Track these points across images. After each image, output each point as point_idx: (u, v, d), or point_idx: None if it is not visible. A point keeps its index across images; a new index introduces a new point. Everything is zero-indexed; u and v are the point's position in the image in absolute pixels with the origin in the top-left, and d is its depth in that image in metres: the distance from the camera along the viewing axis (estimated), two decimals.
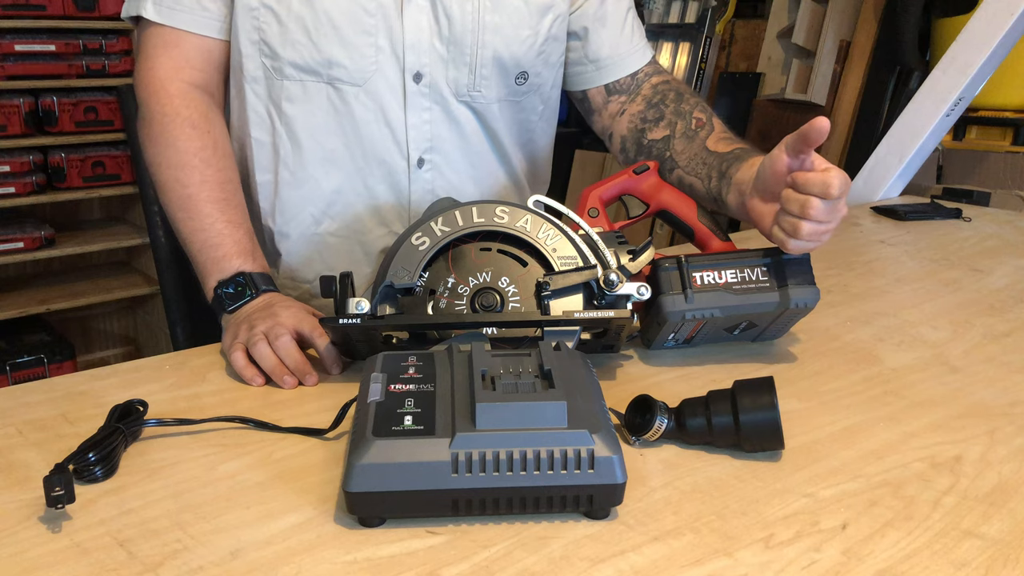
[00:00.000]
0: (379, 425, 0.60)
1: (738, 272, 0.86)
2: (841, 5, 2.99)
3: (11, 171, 2.48)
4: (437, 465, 0.58)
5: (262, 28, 1.01)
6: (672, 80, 1.17)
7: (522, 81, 1.12)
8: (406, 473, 0.58)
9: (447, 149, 1.10)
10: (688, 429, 0.71)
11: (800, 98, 3.07)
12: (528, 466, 0.59)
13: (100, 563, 0.56)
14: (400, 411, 0.62)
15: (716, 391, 0.72)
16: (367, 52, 1.02)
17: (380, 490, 0.58)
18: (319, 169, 1.07)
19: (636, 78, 1.17)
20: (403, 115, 1.06)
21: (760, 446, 0.70)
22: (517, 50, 1.08)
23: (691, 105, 1.12)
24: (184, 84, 1.02)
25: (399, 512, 0.60)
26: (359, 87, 1.04)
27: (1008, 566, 0.57)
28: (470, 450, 0.58)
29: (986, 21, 1.57)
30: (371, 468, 0.58)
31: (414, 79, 1.05)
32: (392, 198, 1.10)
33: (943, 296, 1.13)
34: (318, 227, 1.10)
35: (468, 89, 1.08)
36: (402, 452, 0.58)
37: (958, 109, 1.65)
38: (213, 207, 0.97)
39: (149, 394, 0.79)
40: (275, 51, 1.02)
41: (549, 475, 0.59)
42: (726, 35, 3.48)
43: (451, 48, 1.05)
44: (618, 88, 1.17)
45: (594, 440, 0.59)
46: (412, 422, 0.60)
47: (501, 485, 0.59)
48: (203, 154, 0.99)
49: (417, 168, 1.09)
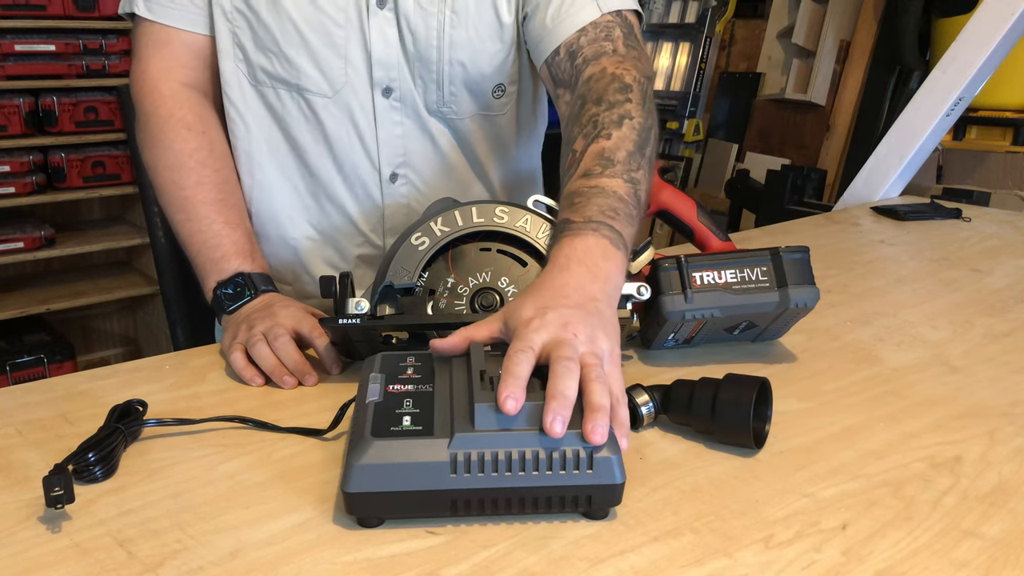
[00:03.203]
0: (377, 425, 0.60)
1: (738, 272, 0.86)
2: (841, 5, 2.99)
3: (11, 171, 2.49)
4: (436, 465, 0.58)
5: (235, 32, 1.01)
6: (594, 77, 0.93)
7: (500, 94, 1.08)
8: (405, 473, 0.58)
9: (421, 164, 1.07)
10: (671, 404, 0.73)
11: (800, 98, 3.07)
12: (527, 466, 0.58)
13: (100, 563, 0.56)
14: (399, 411, 0.62)
15: (708, 378, 0.73)
16: (335, 64, 1.00)
17: (379, 490, 0.58)
18: (295, 175, 1.06)
19: (575, 65, 0.97)
20: (374, 129, 1.04)
21: (730, 439, 0.71)
22: (486, 66, 1.04)
23: (580, 127, 0.88)
24: (176, 84, 1.02)
25: (398, 512, 0.60)
26: (329, 99, 1.02)
27: (1008, 566, 0.57)
28: (469, 450, 0.58)
29: (986, 21, 1.57)
30: (370, 468, 0.58)
31: (383, 93, 1.02)
32: (367, 209, 1.08)
33: (943, 296, 1.13)
34: (294, 231, 1.09)
35: (438, 105, 1.05)
36: (400, 452, 0.58)
37: (958, 109, 1.65)
38: (210, 208, 0.97)
39: (149, 394, 0.79)
40: (248, 56, 1.01)
41: (548, 475, 0.59)
42: (726, 35, 3.48)
43: (417, 64, 1.02)
44: (561, 78, 0.99)
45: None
46: (411, 422, 0.60)
47: (500, 485, 0.59)
48: (199, 155, 0.99)
49: (390, 183, 1.06)
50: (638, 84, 0.91)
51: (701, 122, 3.52)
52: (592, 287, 0.70)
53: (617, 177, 0.80)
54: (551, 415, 0.58)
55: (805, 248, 0.87)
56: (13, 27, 2.45)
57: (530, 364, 0.62)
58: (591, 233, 0.74)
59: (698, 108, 3.53)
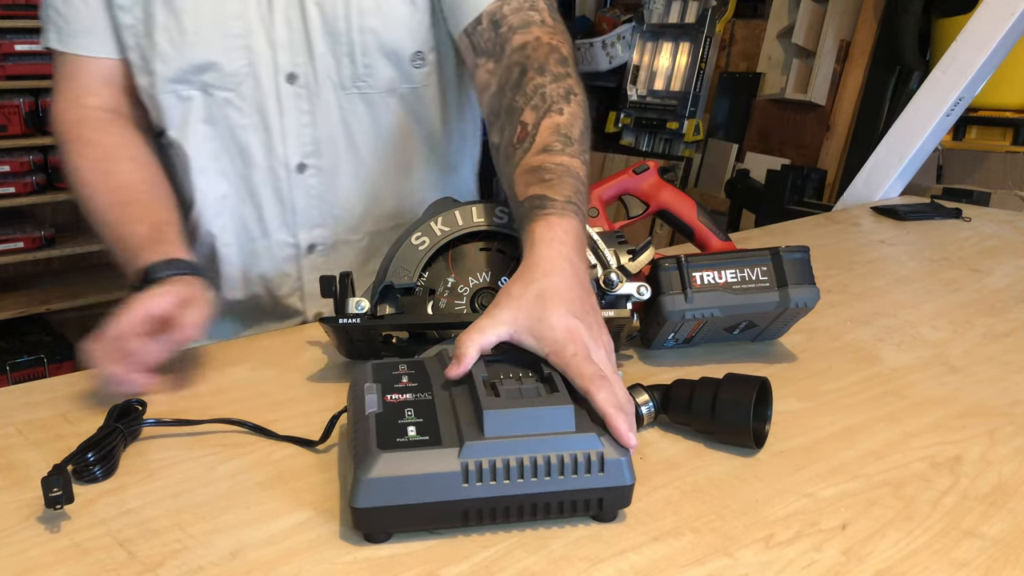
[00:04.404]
0: (383, 437, 0.59)
1: (738, 272, 0.86)
2: (841, 5, 2.99)
3: (11, 171, 2.49)
4: (447, 476, 0.57)
5: (140, 45, 0.98)
6: (530, 45, 0.90)
7: (420, 63, 1.02)
8: (415, 486, 0.57)
9: (332, 152, 1.03)
10: (671, 404, 0.73)
11: (800, 98, 3.07)
12: (539, 472, 0.58)
13: (100, 563, 0.56)
14: (401, 422, 0.60)
15: (708, 378, 0.73)
16: (237, 55, 0.97)
17: (389, 504, 0.57)
18: (201, 178, 1.03)
19: (500, 33, 0.93)
20: (279, 119, 1.00)
21: (730, 439, 0.71)
22: (400, 30, 0.99)
23: (525, 97, 0.85)
24: (83, 110, 1.01)
25: (408, 526, 0.59)
26: (232, 91, 0.99)
27: (1008, 566, 0.57)
28: (480, 459, 0.57)
29: (986, 21, 1.57)
30: (379, 483, 0.57)
31: (288, 80, 0.99)
32: (276, 205, 1.04)
33: (943, 296, 1.13)
34: (209, 237, 1.06)
35: (353, 79, 1.00)
36: (410, 464, 0.57)
37: (958, 109, 1.65)
38: (110, 215, 0.95)
39: (149, 394, 0.79)
40: (150, 66, 0.99)
41: (560, 480, 0.58)
42: (726, 35, 3.48)
43: (327, 39, 0.98)
44: (483, 47, 0.95)
45: (602, 443, 0.59)
46: (416, 432, 0.59)
47: (512, 493, 0.58)
48: (96, 166, 0.98)
49: (298, 173, 1.03)
50: (572, 59, 0.90)
51: (701, 122, 3.52)
52: (585, 280, 0.72)
53: (576, 157, 0.80)
54: (625, 427, 0.61)
55: (805, 248, 0.87)
56: (13, 27, 2.45)
57: (619, 387, 0.65)
58: (572, 216, 0.74)
59: (698, 108, 3.53)
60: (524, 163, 0.80)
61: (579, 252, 0.73)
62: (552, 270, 0.69)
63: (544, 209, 0.74)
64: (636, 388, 0.74)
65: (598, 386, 0.62)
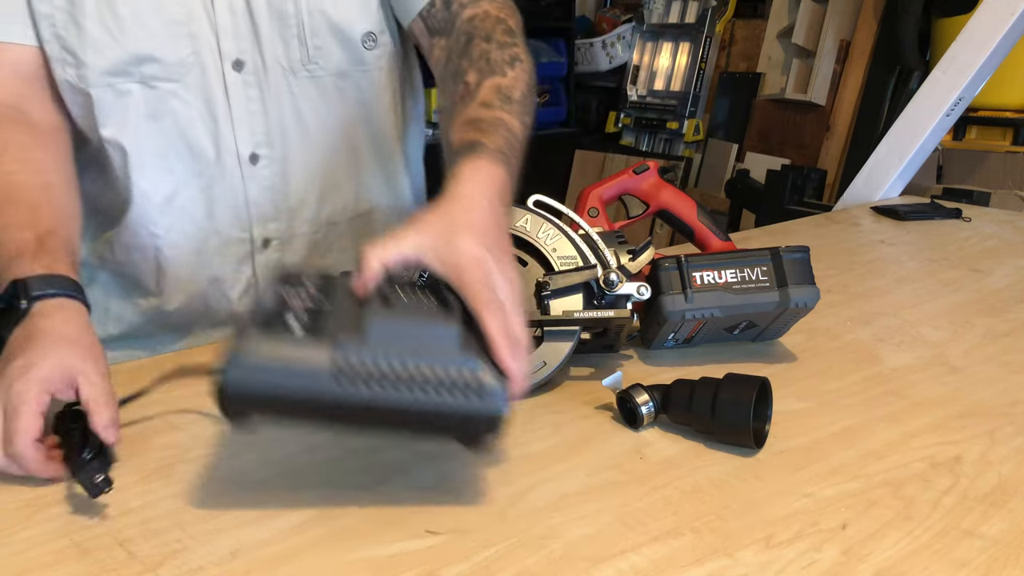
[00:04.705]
0: (266, 326, 0.58)
1: (738, 272, 0.86)
2: (841, 5, 2.99)
3: None
4: (317, 370, 0.56)
5: (61, 35, 0.90)
6: (478, 16, 0.92)
7: (372, 44, 1.00)
8: (285, 374, 0.56)
9: (283, 141, 0.99)
10: (671, 404, 0.73)
11: (800, 98, 3.07)
12: (413, 384, 0.57)
13: (100, 563, 0.56)
14: (289, 317, 0.60)
15: (708, 378, 0.73)
16: (180, 44, 0.92)
17: (256, 388, 0.56)
18: (142, 177, 0.96)
19: (451, 11, 0.95)
20: (227, 109, 0.96)
21: (730, 439, 0.71)
22: (349, 11, 0.97)
23: (471, 61, 0.87)
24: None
25: (273, 415, 0.58)
26: (176, 83, 0.93)
27: (1008, 566, 0.57)
28: (354, 360, 0.57)
29: (986, 21, 1.57)
30: (250, 363, 0.56)
31: (234, 67, 0.95)
32: (228, 200, 0.99)
33: (943, 296, 1.13)
34: (155, 240, 0.99)
35: (303, 63, 0.97)
36: (283, 351, 0.57)
37: (958, 109, 1.65)
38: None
39: (149, 393, 0.79)
40: (79, 58, 0.91)
41: (433, 396, 0.57)
42: (726, 35, 3.48)
43: (274, 22, 0.94)
44: (437, 27, 0.96)
45: (481, 366, 0.58)
46: (299, 328, 0.59)
47: (382, 398, 0.57)
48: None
49: (250, 164, 0.98)
50: (520, 31, 0.91)
51: (701, 122, 3.52)
52: (503, 223, 0.71)
53: (515, 117, 0.81)
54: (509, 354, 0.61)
55: (805, 248, 0.87)
56: None
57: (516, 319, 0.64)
58: (501, 164, 0.74)
59: (698, 108, 3.53)
60: (463, 115, 0.81)
61: (501, 198, 0.72)
62: (471, 206, 0.69)
63: (474, 152, 0.74)
64: (636, 388, 0.74)
65: (491, 312, 0.62)
